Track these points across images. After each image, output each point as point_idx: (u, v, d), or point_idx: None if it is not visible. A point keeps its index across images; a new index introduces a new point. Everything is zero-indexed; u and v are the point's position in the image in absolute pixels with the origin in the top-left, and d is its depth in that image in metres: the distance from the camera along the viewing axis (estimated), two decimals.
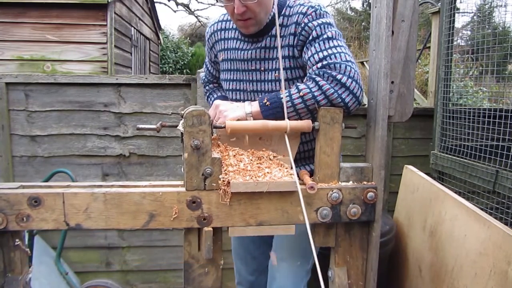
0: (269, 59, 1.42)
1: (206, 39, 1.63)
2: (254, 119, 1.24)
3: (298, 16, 1.35)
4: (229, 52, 1.51)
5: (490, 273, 1.41)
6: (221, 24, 1.56)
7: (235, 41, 1.50)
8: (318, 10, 1.34)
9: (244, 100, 1.47)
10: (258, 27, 1.39)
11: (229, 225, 1.12)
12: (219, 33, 1.55)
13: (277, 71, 1.40)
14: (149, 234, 2.63)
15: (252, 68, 1.45)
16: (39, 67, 5.30)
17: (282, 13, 1.40)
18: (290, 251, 1.52)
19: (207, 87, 1.77)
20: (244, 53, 1.45)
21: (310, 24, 1.32)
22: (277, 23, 1.21)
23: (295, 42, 1.36)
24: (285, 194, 1.11)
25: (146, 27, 9.20)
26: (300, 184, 1.13)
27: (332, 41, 1.29)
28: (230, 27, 1.53)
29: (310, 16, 1.33)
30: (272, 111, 1.25)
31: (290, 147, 1.21)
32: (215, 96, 1.69)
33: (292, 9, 1.38)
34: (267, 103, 1.25)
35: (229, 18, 1.52)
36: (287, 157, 1.22)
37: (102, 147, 2.57)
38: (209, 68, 1.70)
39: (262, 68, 1.42)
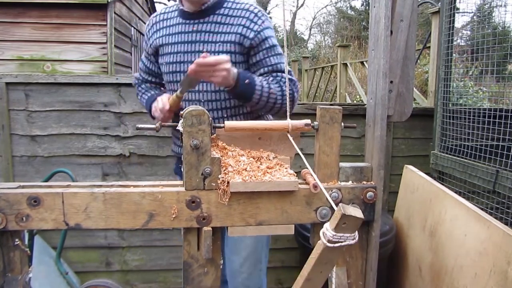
0: (212, 42, 1.51)
1: (145, 32, 1.69)
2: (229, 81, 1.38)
3: (250, 14, 1.51)
4: (170, 37, 1.58)
5: (490, 273, 1.41)
6: (162, 15, 1.64)
7: (177, 26, 1.58)
8: (265, 16, 1.53)
9: None
10: (205, 4, 1.52)
11: (229, 224, 1.12)
12: (160, 23, 1.63)
13: (218, 54, 1.49)
14: (149, 234, 2.63)
15: (195, 49, 1.51)
16: (39, 67, 5.30)
17: None
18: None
19: (140, 88, 1.77)
20: (186, 36, 1.53)
21: (259, 30, 1.50)
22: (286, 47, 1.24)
23: (242, 41, 1.51)
24: (285, 193, 1.11)
25: None
26: (302, 183, 1.13)
27: (277, 48, 1.54)
28: (172, 16, 1.61)
29: (261, 20, 1.51)
30: (244, 90, 1.42)
31: (291, 147, 1.21)
32: (150, 94, 1.69)
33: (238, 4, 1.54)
34: (247, 81, 1.41)
35: (168, 10, 1.63)
36: (287, 156, 1.22)
37: (102, 147, 2.57)
38: (146, 64, 1.72)
39: (204, 50, 1.50)
